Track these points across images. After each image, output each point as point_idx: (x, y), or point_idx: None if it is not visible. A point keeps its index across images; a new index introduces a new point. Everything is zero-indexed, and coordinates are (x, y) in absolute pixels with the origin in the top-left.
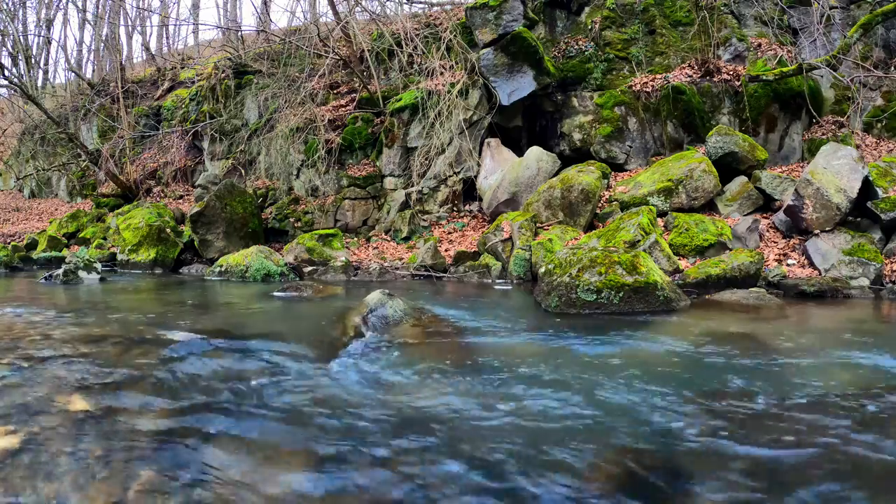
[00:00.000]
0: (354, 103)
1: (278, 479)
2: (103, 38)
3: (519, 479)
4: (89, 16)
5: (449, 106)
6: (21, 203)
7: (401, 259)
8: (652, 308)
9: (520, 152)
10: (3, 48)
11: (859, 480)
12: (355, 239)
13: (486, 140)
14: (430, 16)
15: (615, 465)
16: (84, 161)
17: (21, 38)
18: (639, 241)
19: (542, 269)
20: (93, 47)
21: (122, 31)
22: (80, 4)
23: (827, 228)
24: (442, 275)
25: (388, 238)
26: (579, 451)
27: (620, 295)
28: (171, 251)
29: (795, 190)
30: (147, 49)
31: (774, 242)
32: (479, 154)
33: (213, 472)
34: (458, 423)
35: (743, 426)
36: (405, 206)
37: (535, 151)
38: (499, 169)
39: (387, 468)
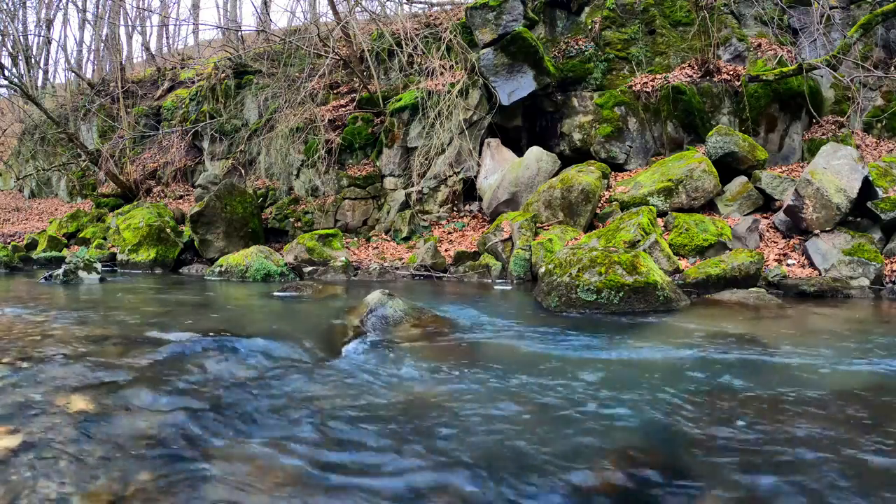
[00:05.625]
0: (354, 103)
1: (278, 477)
2: (103, 38)
3: (514, 478)
4: (89, 16)
5: (449, 106)
6: (21, 203)
7: (401, 259)
8: (652, 308)
9: (520, 152)
10: (3, 48)
11: (857, 480)
12: (355, 239)
13: (486, 140)
14: (430, 16)
15: (614, 463)
16: (84, 161)
17: (21, 38)
18: (639, 241)
19: (542, 269)
20: (93, 47)
21: (122, 31)
22: (80, 4)
23: (827, 228)
24: (442, 275)
25: (388, 238)
26: (578, 450)
27: (620, 295)
28: (171, 251)
29: (795, 190)
30: (147, 49)
31: (774, 242)
32: (479, 154)
33: (214, 471)
34: (458, 421)
35: (742, 426)
36: (405, 206)
37: (535, 151)
38: (499, 169)
39: (385, 467)
